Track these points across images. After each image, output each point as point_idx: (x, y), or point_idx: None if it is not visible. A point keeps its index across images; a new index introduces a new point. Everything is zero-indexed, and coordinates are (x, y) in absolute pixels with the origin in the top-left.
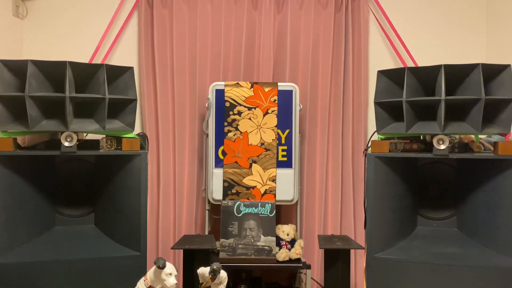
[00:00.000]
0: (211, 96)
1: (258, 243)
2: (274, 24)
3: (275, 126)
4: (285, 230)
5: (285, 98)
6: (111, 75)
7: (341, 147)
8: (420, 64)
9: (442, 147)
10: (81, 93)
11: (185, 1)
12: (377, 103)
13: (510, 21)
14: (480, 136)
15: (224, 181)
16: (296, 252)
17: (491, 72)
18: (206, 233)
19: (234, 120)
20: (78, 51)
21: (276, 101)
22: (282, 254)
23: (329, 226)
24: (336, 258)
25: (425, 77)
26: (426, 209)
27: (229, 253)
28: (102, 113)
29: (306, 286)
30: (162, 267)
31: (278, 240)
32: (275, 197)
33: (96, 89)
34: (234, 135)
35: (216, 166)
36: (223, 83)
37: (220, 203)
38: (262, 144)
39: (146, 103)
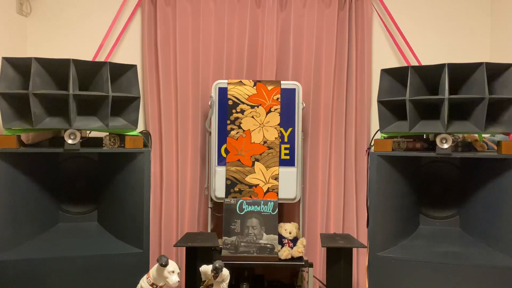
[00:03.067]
0: (214, 94)
1: (261, 241)
2: (277, 22)
3: (278, 125)
4: (288, 228)
5: (288, 97)
6: (114, 73)
7: (344, 145)
8: (423, 63)
9: (445, 146)
10: (85, 91)
11: None
12: (380, 102)
13: None
14: (483, 135)
15: (226, 179)
16: (298, 250)
17: (495, 71)
18: (209, 231)
19: (237, 118)
20: (82, 48)
21: (279, 100)
22: (284, 252)
23: (331, 225)
24: (338, 256)
25: (429, 75)
26: (428, 208)
27: (232, 251)
28: (106, 111)
29: (308, 285)
30: (165, 264)
31: (281, 238)
32: (277, 195)
33: (100, 87)
34: (237, 133)
35: (218, 164)
36: (226, 81)
37: (222, 201)
38: (265, 142)
39: (149, 101)
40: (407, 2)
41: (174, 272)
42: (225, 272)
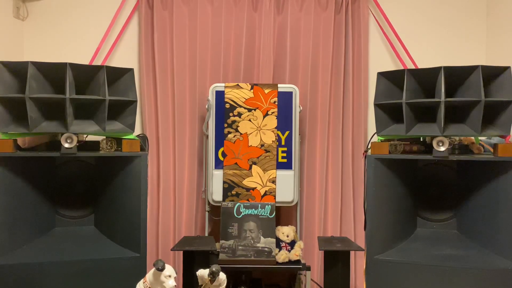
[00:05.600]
0: (211, 97)
1: (258, 245)
2: (274, 26)
3: (275, 128)
4: (285, 232)
5: (285, 100)
6: (111, 76)
7: (341, 148)
8: (420, 66)
9: (442, 148)
10: (82, 95)
11: (185, 2)
12: (377, 105)
13: (510, 22)
14: (480, 138)
15: (224, 182)
16: (295, 253)
17: (491, 74)
18: (206, 234)
19: (234, 121)
20: (79, 52)
21: (276, 103)
22: (282, 256)
23: (329, 228)
24: (336, 259)
25: (425, 79)
26: (426, 210)
27: (229, 255)
28: (102, 115)
29: None
30: (161, 269)
31: (278, 242)
32: (275, 198)
33: (96, 91)
34: (234, 136)
35: (216, 167)
36: (223, 84)
37: (220, 205)
38: (262, 145)
39: (146, 104)
40: (403, 5)
41: (170, 276)
42: (222, 276)
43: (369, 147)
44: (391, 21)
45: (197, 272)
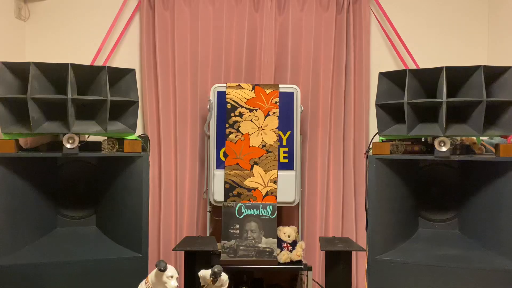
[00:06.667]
0: (213, 97)
1: (260, 245)
2: (276, 26)
3: (277, 128)
4: (287, 232)
5: (286, 100)
6: (113, 77)
7: (343, 148)
8: (421, 66)
9: (444, 149)
10: (83, 95)
11: (187, 3)
12: (378, 105)
13: None
14: (481, 138)
15: (225, 182)
16: (297, 253)
17: (493, 74)
18: (208, 234)
19: (235, 121)
20: (80, 53)
21: (278, 103)
22: (283, 256)
23: (330, 228)
24: (338, 260)
25: (427, 79)
26: (427, 211)
27: (231, 255)
28: (104, 115)
29: None
30: (164, 269)
31: (280, 242)
32: (276, 198)
33: (98, 91)
34: (235, 136)
35: (217, 167)
36: (225, 84)
37: (221, 205)
38: (264, 145)
39: (148, 104)
40: (404, 5)
41: (172, 277)
42: (224, 276)
43: (370, 147)
44: (393, 21)
45: (199, 273)
